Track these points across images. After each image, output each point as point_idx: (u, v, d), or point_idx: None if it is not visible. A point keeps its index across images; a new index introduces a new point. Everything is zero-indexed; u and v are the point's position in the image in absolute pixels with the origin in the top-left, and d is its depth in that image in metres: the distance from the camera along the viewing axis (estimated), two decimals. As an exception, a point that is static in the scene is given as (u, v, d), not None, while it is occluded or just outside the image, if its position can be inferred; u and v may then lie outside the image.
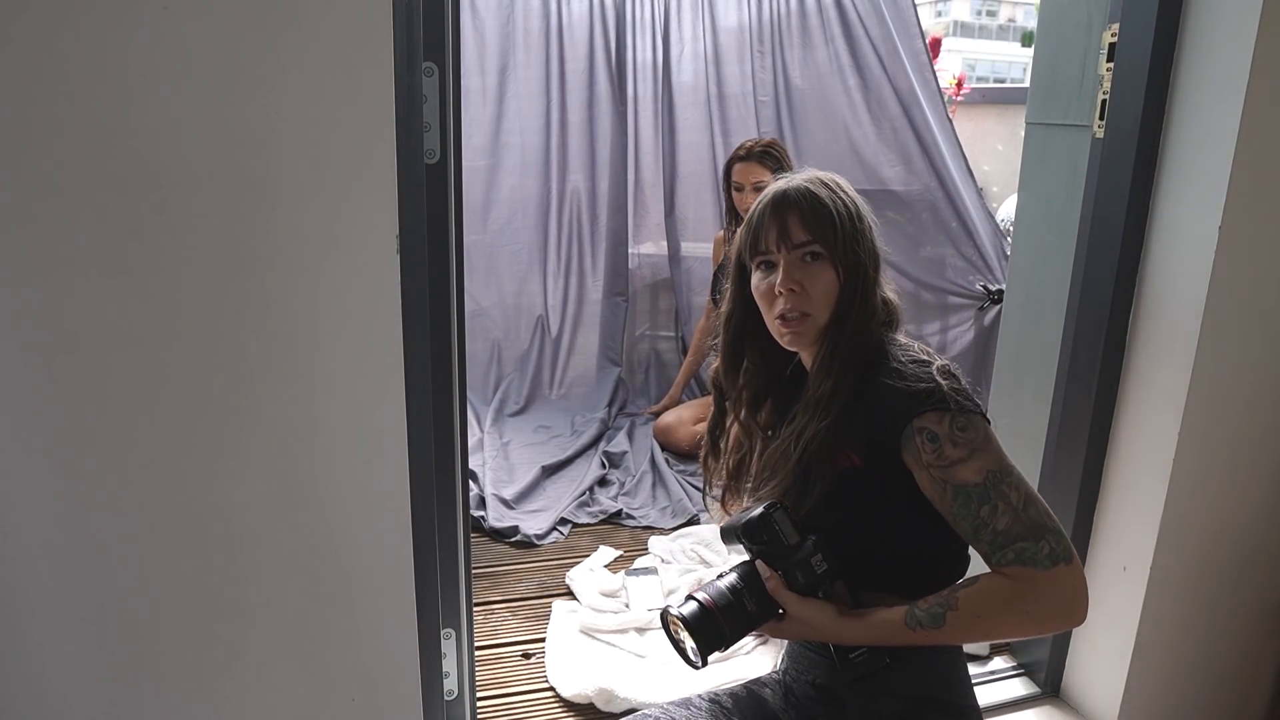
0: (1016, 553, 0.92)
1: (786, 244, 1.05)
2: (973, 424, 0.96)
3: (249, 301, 1.04)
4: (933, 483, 0.96)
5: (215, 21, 0.95)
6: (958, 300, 3.12)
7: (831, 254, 1.04)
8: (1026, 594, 0.92)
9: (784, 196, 1.06)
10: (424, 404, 1.19)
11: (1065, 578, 0.92)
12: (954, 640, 0.98)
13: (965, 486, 0.94)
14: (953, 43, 26.34)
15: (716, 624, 0.99)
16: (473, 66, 3.11)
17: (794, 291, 1.04)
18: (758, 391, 1.15)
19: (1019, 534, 0.92)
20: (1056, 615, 0.94)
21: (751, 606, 1.01)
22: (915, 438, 0.96)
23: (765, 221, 1.06)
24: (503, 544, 2.36)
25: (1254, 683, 1.67)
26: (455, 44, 1.17)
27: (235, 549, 1.11)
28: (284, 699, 1.19)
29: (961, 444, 0.95)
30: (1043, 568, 0.92)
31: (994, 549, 0.94)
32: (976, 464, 0.94)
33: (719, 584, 1.02)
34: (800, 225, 1.04)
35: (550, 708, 1.72)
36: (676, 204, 3.32)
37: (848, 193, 1.08)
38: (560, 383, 3.32)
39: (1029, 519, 0.93)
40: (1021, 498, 0.94)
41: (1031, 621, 0.95)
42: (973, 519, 0.94)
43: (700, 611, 1.00)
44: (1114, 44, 1.47)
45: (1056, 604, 0.93)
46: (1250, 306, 1.42)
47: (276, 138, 1.00)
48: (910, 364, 1.00)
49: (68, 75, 0.92)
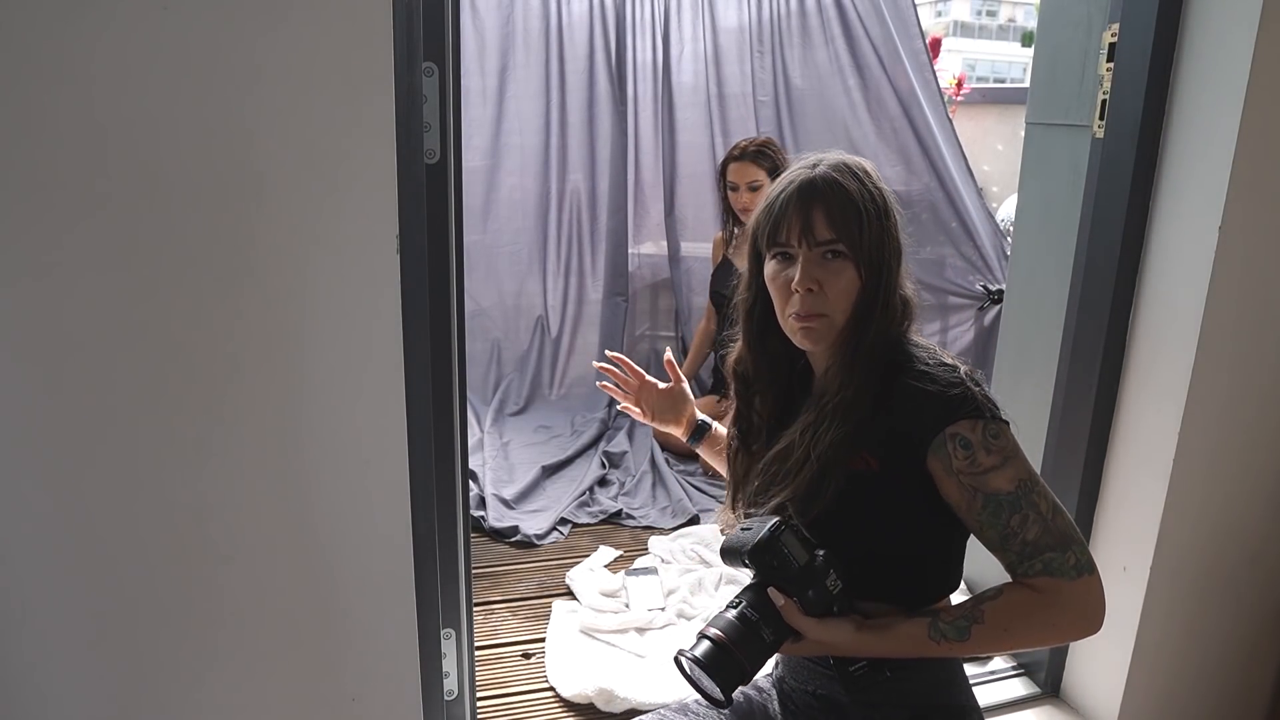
0: (1045, 563, 0.91)
1: (809, 239, 0.99)
2: (1004, 432, 0.94)
3: (248, 301, 1.04)
4: (961, 490, 0.94)
5: (215, 21, 0.95)
6: (958, 300, 3.12)
7: (855, 254, 0.99)
8: (1053, 605, 0.91)
9: (810, 186, 1.00)
10: (424, 404, 1.19)
11: (1089, 588, 0.91)
12: (976, 652, 0.97)
13: (997, 495, 0.93)
14: (953, 43, 26.35)
15: (735, 660, 0.94)
16: (473, 66, 3.11)
17: (811, 291, 0.99)
18: (777, 384, 1.12)
19: (1048, 544, 0.91)
20: (1079, 625, 0.93)
21: (769, 636, 0.95)
22: (947, 444, 0.93)
23: (789, 212, 1.00)
24: (503, 544, 2.36)
25: (1255, 683, 1.67)
26: (455, 44, 1.17)
27: (235, 549, 1.11)
28: (284, 699, 1.19)
29: (995, 451, 0.93)
30: (1069, 579, 0.91)
31: (1021, 559, 0.92)
32: (1009, 472, 0.93)
33: (729, 616, 0.96)
34: (825, 222, 0.98)
35: (550, 708, 1.72)
36: (676, 204, 3.33)
37: (876, 184, 1.02)
38: (560, 383, 3.32)
39: (1057, 529, 0.92)
40: (1050, 507, 0.93)
41: (1055, 633, 0.94)
42: (1001, 528, 0.93)
43: (716, 651, 0.94)
44: (1114, 44, 1.47)
45: (1081, 615, 0.92)
46: (1250, 306, 1.42)
47: (276, 137, 1.00)
48: (939, 367, 0.97)
49: (67, 74, 0.92)
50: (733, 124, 3.28)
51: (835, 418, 0.99)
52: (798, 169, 1.03)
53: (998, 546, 0.94)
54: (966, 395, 0.94)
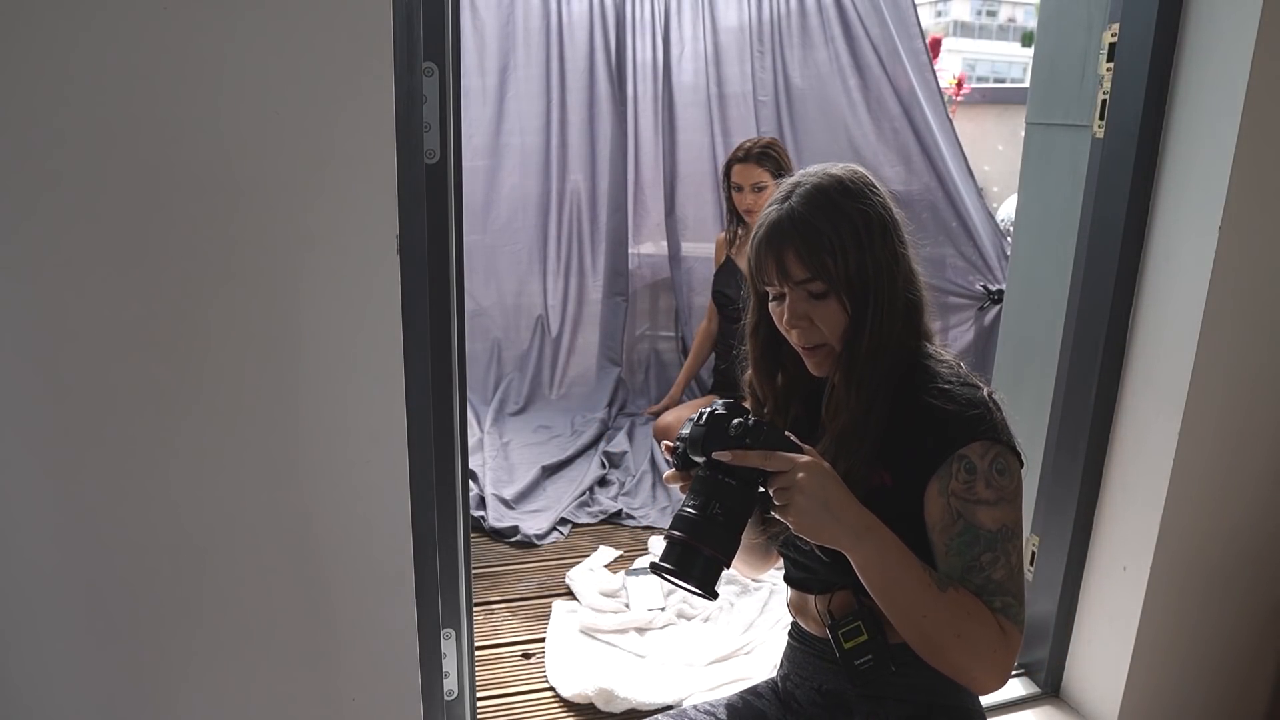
0: (1004, 605, 0.92)
1: (786, 280, 0.99)
2: (1010, 468, 0.94)
3: (248, 301, 1.04)
4: (946, 511, 0.93)
5: (214, 21, 0.95)
6: (958, 300, 3.12)
7: (833, 287, 0.98)
8: (996, 641, 0.91)
9: (776, 229, 0.99)
10: (424, 404, 1.19)
11: (1018, 645, 0.93)
12: (928, 615, 0.91)
13: (978, 528, 0.92)
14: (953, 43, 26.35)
15: (697, 553, 0.89)
16: (473, 66, 3.11)
17: (803, 326, 1.00)
18: (791, 398, 1.11)
19: (1009, 590, 0.93)
20: (993, 673, 0.93)
21: (717, 509, 0.90)
22: (953, 463, 0.93)
23: (763, 255, 1.00)
24: (503, 544, 2.36)
25: (1254, 682, 1.67)
26: (455, 44, 1.17)
27: (234, 549, 1.11)
28: (284, 699, 1.19)
29: (994, 486, 0.93)
30: (1017, 627, 0.92)
31: (983, 592, 0.92)
32: (999, 512, 0.93)
33: (681, 511, 0.92)
34: (796, 261, 0.98)
35: (550, 708, 1.72)
36: (676, 204, 3.33)
37: (853, 203, 0.99)
38: (560, 383, 3.32)
39: (1017, 584, 0.94)
40: (1018, 560, 0.94)
41: (976, 661, 0.92)
42: (970, 560, 0.93)
43: (676, 550, 0.90)
44: (1114, 44, 1.47)
45: (1002, 666, 0.92)
46: (1250, 306, 1.42)
47: (276, 137, 1.00)
48: (960, 385, 0.96)
49: (66, 74, 0.92)
50: (733, 124, 3.28)
51: (846, 443, 0.98)
52: (771, 204, 1.02)
53: (957, 574, 0.93)
54: (984, 417, 0.94)
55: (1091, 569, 1.62)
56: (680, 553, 0.90)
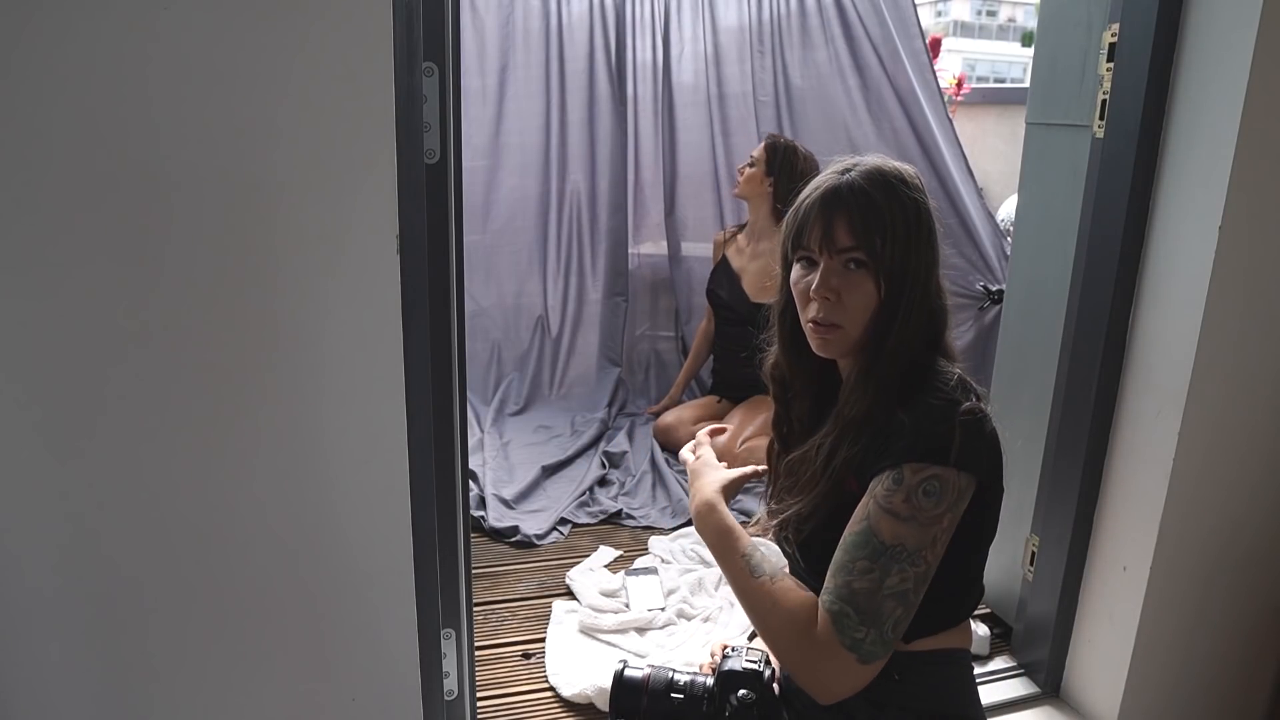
0: (838, 614, 0.90)
1: (830, 247, 0.97)
2: (945, 494, 0.90)
3: (249, 301, 1.04)
4: (861, 510, 0.93)
5: (215, 21, 0.95)
6: (958, 300, 3.11)
7: (875, 265, 0.96)
8: (804, 642, 0.91)
9: (835, 194, 0.98)
10: (424, 404, 1.19)
11: (844, 666, 0.89)
12: (742, 596, 0.99)
13: (873, 535, 0.90)
14: (953, 43, 26.35)
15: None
16: (473, 66, 3.11)
17: (829, 300, 0.98)
18: (812, 388, 1.10)
19: (859, 605, 0.89)
20: (802, 672, 0.93)
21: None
22: (888, 471, 0.92)
23: (812, 217, 0.98)
24: (503, 544, 2.36)
25: (1254, 682, 1.67)
26: (455, 44, 1.17)
27: (235, 549, 1.11)
28: (284, 699, 1.19)
29: (913, 504, 0.90)
30: (840, 643, 0.89)
31: (830, 592, 0.91)
32: (903, 529, 0.90)
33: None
34: (847, 229, 0.96)
35: (550, 708, 1.72)
36: (676, 204, 3.32)
37: (910, 193, 0.99)
38: (560, 383, 3.32)
39: (877, 606, 0.89)
40: (895, 587, 0.89)
41: (785, 660, 0.95)
42: (847, 559, 0.91)
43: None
44: (1114, 44, 1.47)
45: (816, 672, 0.92)
46: (1250, 306, 1.42)
47: (276, 137, 1.00)
48: (944, 403, 0.93)
49: (67, 74, 0.92)
50: (733, 124, 3.28)
51: (846, 434, 0.99)
52: (829, 173, 1.01)
53: (831, 569, 0.93)
54: (938, 438, 0.91)
55: (1091, 569, 1.62)
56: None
